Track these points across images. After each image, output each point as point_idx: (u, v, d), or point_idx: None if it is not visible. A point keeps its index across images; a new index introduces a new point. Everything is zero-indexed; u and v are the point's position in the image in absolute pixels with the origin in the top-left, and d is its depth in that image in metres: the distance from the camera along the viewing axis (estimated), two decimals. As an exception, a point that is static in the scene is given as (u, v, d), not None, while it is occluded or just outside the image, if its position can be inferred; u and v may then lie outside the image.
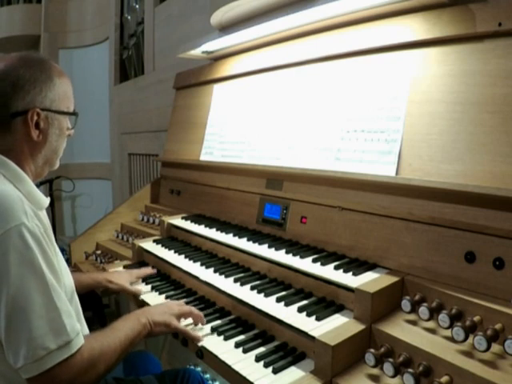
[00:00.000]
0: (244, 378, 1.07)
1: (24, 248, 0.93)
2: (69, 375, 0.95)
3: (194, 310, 1.33)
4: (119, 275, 1.68)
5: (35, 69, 1.13)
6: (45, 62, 1.17)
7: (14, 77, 1.09)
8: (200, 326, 1.32)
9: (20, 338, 0.91)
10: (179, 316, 1.29)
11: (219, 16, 1.90)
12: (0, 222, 0.94)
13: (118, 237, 2.39)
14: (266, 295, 1.34)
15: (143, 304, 1.56)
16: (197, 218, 2.05)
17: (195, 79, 2.49)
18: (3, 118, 1.10)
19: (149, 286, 1.67)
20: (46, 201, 1.18)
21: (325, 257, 1.44)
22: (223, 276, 1.51)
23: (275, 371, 1.08)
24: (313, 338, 1.09)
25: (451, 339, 1.02)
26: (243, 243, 1.64)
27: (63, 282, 1.05)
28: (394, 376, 1.00)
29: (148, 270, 1.77)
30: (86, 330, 1.25)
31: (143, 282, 1.73)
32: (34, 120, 1.11)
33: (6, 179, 1.06)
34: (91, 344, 1.02)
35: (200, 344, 1.23)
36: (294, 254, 1.46)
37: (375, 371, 1.05)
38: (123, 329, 1.14)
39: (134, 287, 1.65)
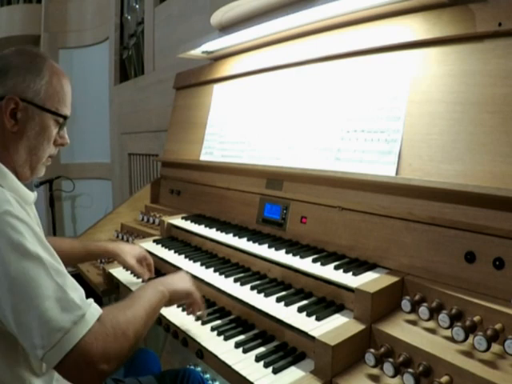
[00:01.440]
0: (244, 378, 1.07)
1: (13, 234, 0.89)
2: (96, 346, 0.88)
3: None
4: (131, 248, 1.69)
5: (25, 58, 1.09)
6: (39, 56, 1.13)
7: (3, 62, 1.07)
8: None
9: (31, 327, 0.85)
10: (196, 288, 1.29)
11: (219, 16, 1.90)
12: None
13: (118, 237, 2.39)
14: (266, 295, 1.34)
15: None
16: (197, 218, 2.05)
17: (195, 79, 2.49)
18: None
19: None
20: (32, 195, 1.14)
21: (325, 257, 1.44)
22: (223, 276, 1.51)
23: (275, 371, 1.08)
24: (313, 338, 1.09)
25: (451, 339, 1.02)
26: (243, 243, 1.64)
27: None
28: (394, 376, 1.00)
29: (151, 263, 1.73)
30: None
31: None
32: (9, 107, 1.05)
33: None
34: (112, 312, 0.97)
35: (201, 343, 1.23)
36: (294, 254, 1.46)
37: (375, 371, 1.05)
38: (145, 296, 1.10)
39: (138, 269, 1.65)
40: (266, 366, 1.10)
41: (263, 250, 1.55)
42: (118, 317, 0.96)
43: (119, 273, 1.84)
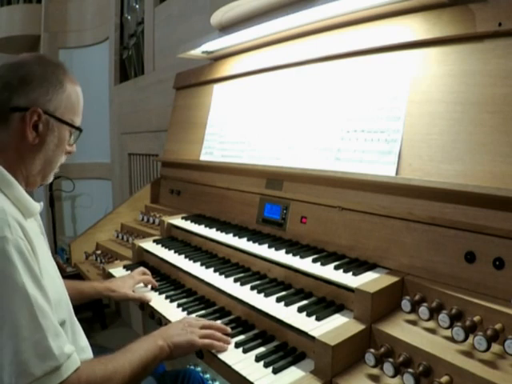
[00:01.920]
0: (244, 378, 1.07)
1: (5, 263, 0.86)
2: None
3: (217, 332, 1.21)
4: (122, 282, 1.60)
5: (48, 69, 1.08)
6: (60, 67, 1.12)
7: (25, 71, 1.04)
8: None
9: (3, 363, 0.82)
10: (202, 336, 1.18)
11: (219, 16, 1.90)
12: None
13: (118, 237, 2.39)
14: (266, 295, 1.34)
15: (151, 309, 1.56)
16: (197, 218, 2.05)
17: (195, 79, 2.49)
18: (3, 111, 1.04)
19: (149, 287, 1.67)
20: (37, 206, 1.11)
21: (325, 257, 1.44)
22: (223, 276, 1.51)
23: (275, 371, 1.08)
24: (313, 338, 1.09)
25: (451, 339, 1.02)
26: (243, 243, 1.64)
27: (49, 297, 0.94)
28: (393, 376, 1.00)
29: (152, 280, 1.67)
30: (84, 340, 1.16)
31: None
32: (32, 120, 1.04)
33: None
34: (93, 368, 0.92)
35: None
36: (294, 254, 1.46)
37: (375, 371, 1.05)
38: (137, 351, 1.04)
39: (139, 294, 1.59)
40: (266, 365, 1.10)
41: (263, 250, 1.55)
42: (96, 373, 0.91)
43: (119, 273, 1.84)
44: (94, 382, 0.90)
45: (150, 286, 1.66)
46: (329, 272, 1.31)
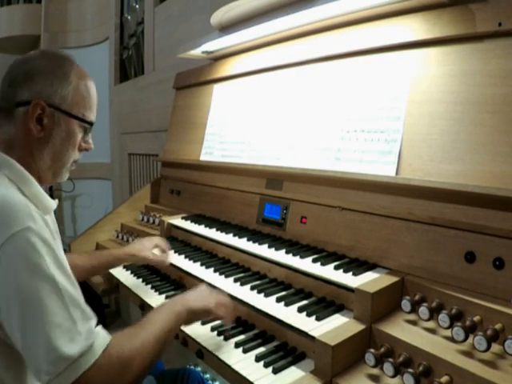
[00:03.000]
0: (244, 378, 1.08)
1: (32, 253, 0.86)
2: (100, 380, 0.86)
3: (231, 303, 1.27)
4: (141, 245, 1.66)
5: (52, 62, 1.07)
6: (66, 60, 1.10)
7: (29, 66, 1.05)
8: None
9: (38, 352, 0.84)
10: (218, 303, 1.22)
11: (219, 16, 1.90)
12: (5, 227, 0.87)
13: (118, 237, 2.39)
14: (266, 295, 1.34)
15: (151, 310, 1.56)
16: (197, 218, 2.05)
17: (195, 79, 2.49)
18: (9, 106, 1.04)
19: (149, 285, 1.67)
20: (54, 204, 1.11)
21: (325, 257, 1.44)
22: (223, 276, 1.51)
23: (275, 371, 1.08)
24: (313, 337, 1.09)
25: (451, 339, 1.02)
26: (243, 243, 1.64)
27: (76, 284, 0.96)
28: (394, 376, 1.00)
29: (166, 244, 1.74)
30: None
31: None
32: (35, 112, 1.03)
33: (10, 181, 0.99)
34: (120, 343, 0.93)
35: (200, 343, 1.23)
36: (294, 254, 1.46)
37: (375, 371, 1.05)
38: (158, 321, 1.05)
39: (158, 257, 1.65)
40: (266, 365, 1.11)
41: (263, 250, 1.55)
42: (126, 347, 0.93)
43: (119, 273, 1.84)
44: (124, 356, 0.91)
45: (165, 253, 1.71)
46: (329, 272, 1.31)
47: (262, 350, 1.19)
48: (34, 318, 0.84)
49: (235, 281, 1.46)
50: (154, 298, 1.57)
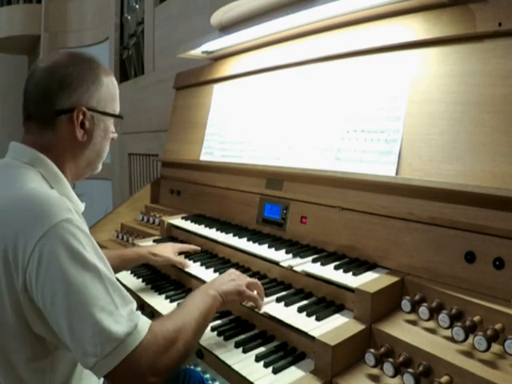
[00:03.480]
0: (244, 378, 1.08)
1: (73, 242, 0.89)
2: (147, 358, 0.88)
3: (260, 285, 1.32)
4: (163, 247, 1.70)
5: (84, 67, 1.09)
6: (93, 61, 1.13)
7: (62, 73, 1.06)
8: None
9: (85, 335, 0.85)
10: (247, 285, 1.27)
11: (219, 16, 1.90)
12: (46, 218, 0.89)
13: (118, 237, 2.39)
14: (266, 295, 1.34)
15: (151, 310, 1.56)
16: (197, 218, 2.05)
17: (195, 79, 2.49)
18: (47, 115, 1.06)
19: (150, 285, 1.67)
20: (82, 206, 1.14)
21: (325, 257, 1.44)
22: (223, 276, 1.51)
23: (275, 371, 1.08)
24: (313, 338, 1.09)
25: (451, 339, 1.02)
26: (243, 243, 1.64)
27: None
28: (394, 376, 1.00)
29: (192, 246, 1.79)
30: None
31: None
32: (79, 119, 1.07)
33: (43, 178, 1.03)
34: (163, 323, 0.96)
35: (200, 343, 1.22)
36: (294, 254, 1.46)
37: (375, 371, 1.05)
38: (194, 304, 1.09)
39: (179, 258, 1.68)
40: (266, 365, 1.11)
41: (263, 250, 1.55)
42: (168, 328, 0.96)
43: (120, 273, 1.84)
44: (168, 334, 0.94)
45: (182, 256, 1.74)
46: (329, 272, 1.31)
47: (262, 349, 1.19)
48: (80, 303, 0.86)
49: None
50: (154, 298, 1.57)
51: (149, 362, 0.88)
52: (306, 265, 1.38)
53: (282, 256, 1.47)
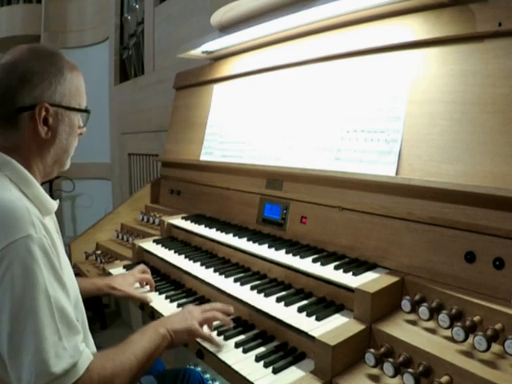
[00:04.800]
0: (244, 378, 1.07)
1: (30, 261, 0.86)
2: None
3: (218, 314, 1.25)
4: (123, 279, 1.59)
5: (45, 61, 1.05)
6: (55, 55, 1.09)
7: (22, 69, 1.02)
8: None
9: (23, 361, 0.83)
10: (202, 322, 1.22)
11: (219, 16, 1.90)
12: (6, 232, 0.87)
13: (118, 237, 2.39)
14: (266, 295, 1.34)
15: (151, 309, 1.56)
16: (197, 218, 2.05)
17: (195, 79, 2.49)
18: (9, 114, 1.02)
19: (147, 287, 1.67)
20: (55, 204, 1.11)
21: (325, 257, 1.44)
22: (223, 276, 1.51)
23: (275, 371, 1.08)
24: (313, 338, 1.09)
25: (451, 339, 1.02)
26: (243, 243, 1.64)
27: (70, 294, 0.96)
28: (394, 376, 1.00)
29: (151, 281, 1.64)
30: (92, 345, 1.17)
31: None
32: (41, 116, 1.04)
33: (11, 182, 0.99)
34: (102, 363, 0.94)
35: (200, 343, 1.23)
36: (294, 254, 1.46)
37: (375, 371, 1.05)
38: (140, 342, 1.05)
39: (140, 293, 1.57)
40: (266, 365, 1.10)
41: (263, 249, 1.55)
42: (106, 369, 0.93)
43: (119, 273, 1.84)
44: (105, 376, 0.92)
45: (148, 287, 1.65)
46: (329, 272, 1.31)
47: (262, 349, 1.19)
48: (25, 327, 0.84)
49: (235, 281, 1.46)
50: (154, 298, 1.57)
51: None
52: (306, 265, 1.38)
53: (282, 256, 1.47)
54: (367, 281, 1.22)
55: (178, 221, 2.06)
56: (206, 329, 1.24)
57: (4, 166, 1.01)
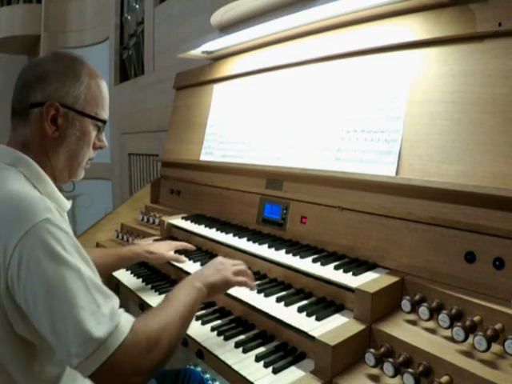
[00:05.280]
0: (244, 378, 1.08)
1: (52, 242, 0.88)
2: (130, 359, 0.87)
3: (248, 269, 1.32)
4: (159, 245, 1.70)
5: (63, 63, 1.09)
6: (76, 60, 1.13)
7: (41, 68, 1.07)
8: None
9: (68, 335, 0.84)
10: (235, 272, 1.26)
11: (219, 16, 1.90)
12: (24, 220, 0.88)
13: (118, 237, 2.39)
14: (266, 295, 1.34)
15: (144, 303, 1.56)
16: (197, 218, 2.05)
17: (195, 79, 2.49)
18: (23, 108, 1.07)
19: (149, 285, 1.67)
20: (68, 204, 1.13)
21: (325, 257, 1.44)
22: (223, 276, 1.51)
23: (275, 371, 1.08)
24: (313, 338, 1.09)
25: (451, 339, 1.02)
26: (243, 243, 1.64)
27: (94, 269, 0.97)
28: (394, 376, 1.00)
29: (188, 245, 1.79)
30: None
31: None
32: (50, 113, 1.05)
33: (25, 179, 1.01)
34: (145, 321, 0.95)
35: (201, 343, 1.23)
36: (294, 254, 1.46)
37: (375, 371, 1.05)
38: (178, 297, 1.07)
39: (174, 254, 1.68)
40: (266, 365, 1.10)
41: (263, 250, 1.55)
42: (152, 326, 0.94)
43: (119, 273, 1.84)
44: (151, 333, 0.92)
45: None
46: (329, 272, 1.31)
47: (262, 349, 1.19)
48: (61, 303, 0.85)
49: (235, 281, 1.46)
50: (154, 298, 1.57)
51: (131, 362, 0.87)
52: (306, 265, 1.38)
53: (282, 256, 1.47)
54: (367, 281, 1.22)
55: (178, 221, 2.05)
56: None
57: (18, 163, 1.03)
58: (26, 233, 0.87)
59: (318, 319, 1.18)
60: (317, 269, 1.34)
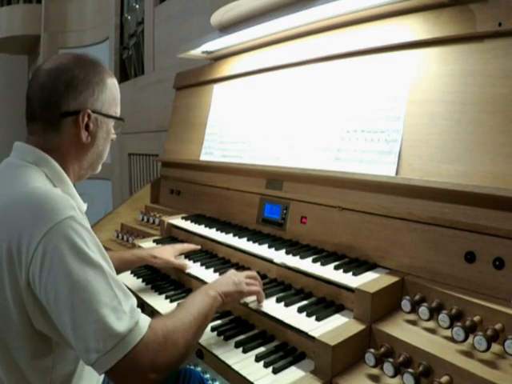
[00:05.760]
0: (244, 378, 1.07)
1: (77, 239, 0.90)
2: (148, 355, 0.89)
3: (255, 274, 1.34)
4: (163, 250, 1.70)
5: (89, 70, 1.11)
6: (98, 65, 1.15)
7: (69, 76, 1.08)
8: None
9: (88, 331, 0.86)
10: (246, 283, 1.28)
11: (219, 16, 1.90)
12: (49, 216, 0.90)
13: (118, 237, 2.39)
14: (266, 295, 1.33)
15: (151, 310, 1.56)
16: (197, 218, 2.05)
17: (195, 79, 2.49)
18: (53, 117, 1.08)
19: (182, 257, 1.72)
20: (84, 206, 1.16)
21: (325, 257, 1.44)
22: (223, 276, 1.51)
23: (275, 371, 1.08)
24: (313, 338, 1.09)
25: (451, 339, 1.02)
26: (243, 243, 1.64)
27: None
28: (394, 376, 1.00)
29: (192, 246, 1.80)
30: None
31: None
32: (84, 121, 1.09)
33: (47, 178, 1.04)
34: (163, 321, 0.98)
35: (201, 343, 1.23)
36: (294, 254, 1.46)
37: (375, 371, 1.05)
38: (193, 304, 1.09)
39: (179, 261, 1.68)
40: (266, 365, 1.10)
41: (263, 250, 1.55)
42: (168, 326, 0.96)
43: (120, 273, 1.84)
44: (167, 332, 0.94)
45: (183, 257, 1.75)
46: (329, 272, 1.31)
47: (262, 349, 1.19)
48: (84, 299, 0.87)
49: (235, 281, 1.46)
50: (154, 298, 1.57)
51: (149, 359, 0.89)
52: (306, 265, 1.38)
53: (282, 256, 1.47)
54: (367, 281, 1.22)
55: (177, 221, 2.06)
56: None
57: (42, 163, 1.05)
58: (51, 229, 0.89)
59: (317, 319, 1.18)
60: (317, 269, 1.34)
